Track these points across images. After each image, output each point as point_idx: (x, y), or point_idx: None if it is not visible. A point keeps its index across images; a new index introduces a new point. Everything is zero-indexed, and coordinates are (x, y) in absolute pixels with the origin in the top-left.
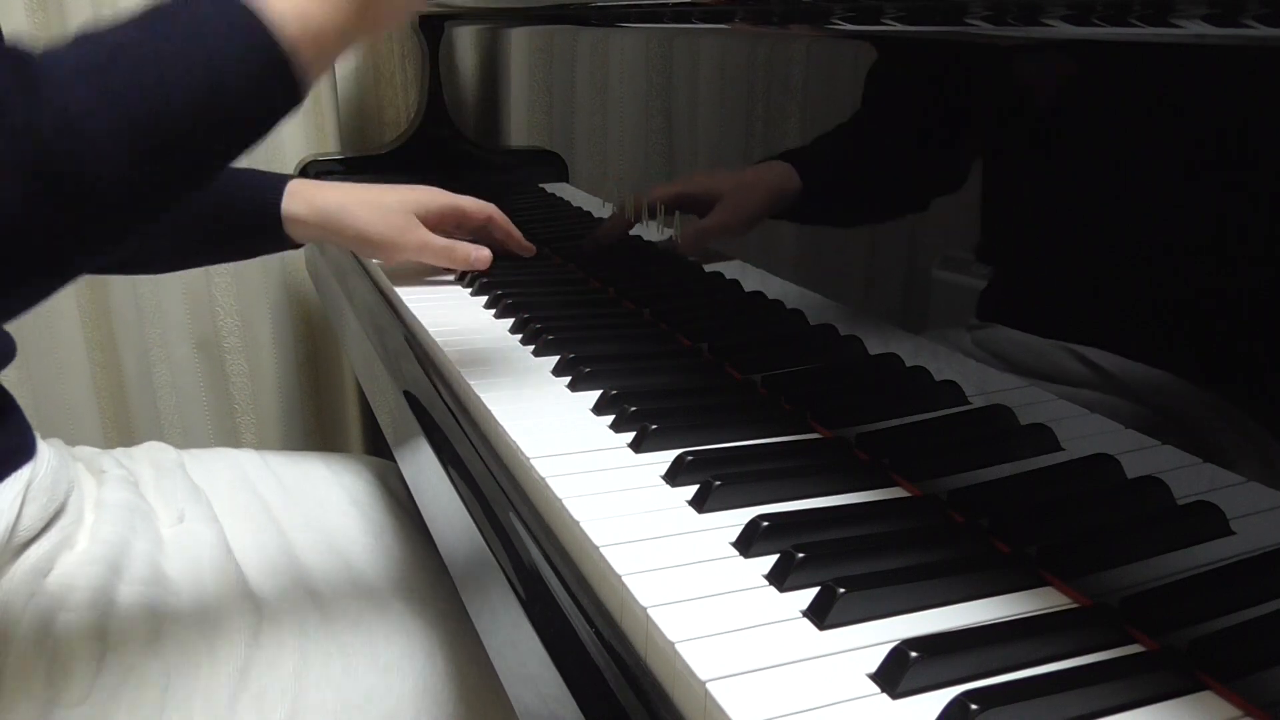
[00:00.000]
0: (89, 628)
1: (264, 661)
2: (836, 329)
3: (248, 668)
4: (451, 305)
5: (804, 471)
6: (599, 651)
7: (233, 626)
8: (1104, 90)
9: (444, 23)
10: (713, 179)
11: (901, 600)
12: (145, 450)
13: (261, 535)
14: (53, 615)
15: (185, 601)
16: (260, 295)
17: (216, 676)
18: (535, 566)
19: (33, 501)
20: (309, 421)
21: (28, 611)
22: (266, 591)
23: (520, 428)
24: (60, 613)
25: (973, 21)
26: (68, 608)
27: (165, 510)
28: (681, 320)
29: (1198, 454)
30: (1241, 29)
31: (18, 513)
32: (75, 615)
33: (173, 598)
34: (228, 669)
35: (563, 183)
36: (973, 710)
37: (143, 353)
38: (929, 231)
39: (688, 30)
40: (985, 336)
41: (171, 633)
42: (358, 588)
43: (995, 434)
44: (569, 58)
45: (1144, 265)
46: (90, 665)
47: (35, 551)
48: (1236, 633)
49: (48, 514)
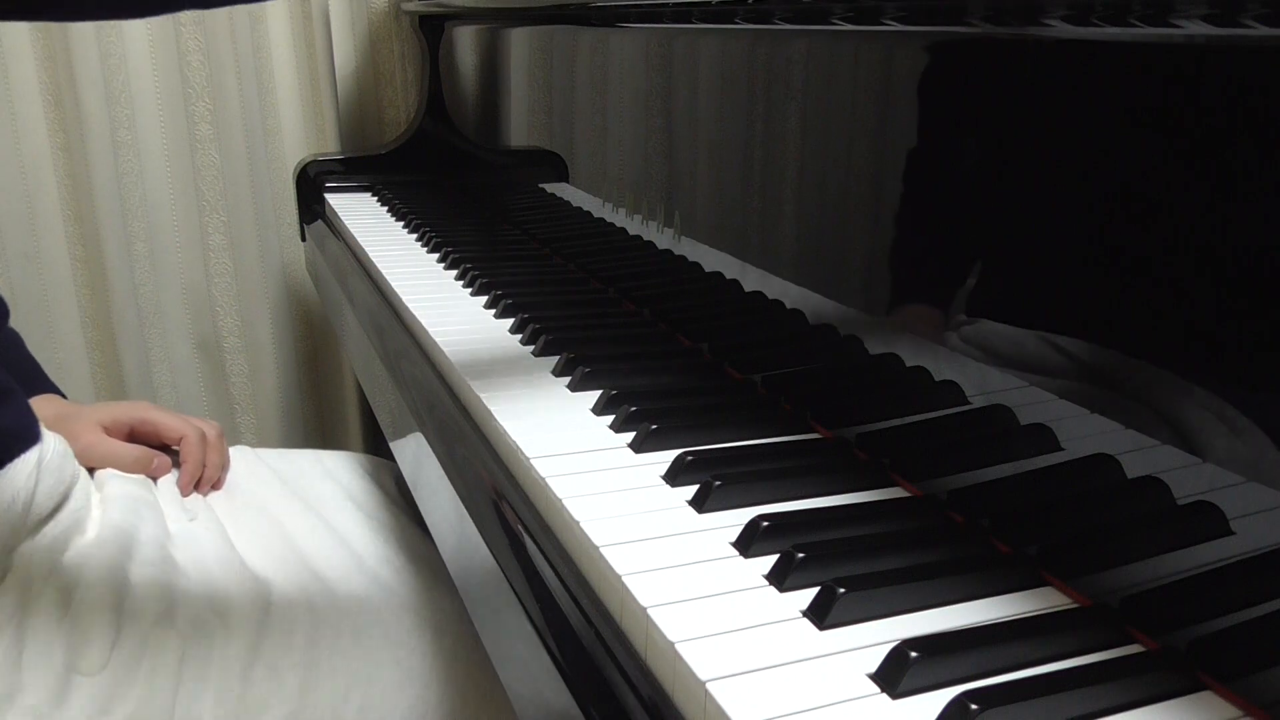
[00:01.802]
0: (105, 602)
1: (277, 631)
2: (836, 329)
3: (260, 639)
4: (452, 305)
5: (804, 471)
6: (599, 651)
7: (244, 602)
8: (1104, 90)
9: (444, 23)
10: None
11: (901, 600)
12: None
13: (263, 531)
14: (70, 590)
15: (195, 583)
16: (260, 295)
17: (230, 646)
18: (535, 566)
19: (44, 480)
20: (309, 421)
21: (48, 585)
22: (272, 574)
23: (520, 428)
24: (77, 589)
25: (972, 21)
26: (84, 584)
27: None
28: (681, 320)
29: (1198, 454)
30: (1241, 29)
31: (33, 489)
32: (92, 591)
33: (183, 579)
34: (241, 640)
35: (563, 183)
36: (973, 710)
37: (143, 353)
38: (929, 231)
39: (688, 30)
40: (985, 337)
41: (184, 607)
42: (363, 571)
43: (995, 434)
44: (569, 58)
45: (1144, 264)
46: (108, 636)
47: (51, 530)
48: (1236, 633)
49: (57, 494)
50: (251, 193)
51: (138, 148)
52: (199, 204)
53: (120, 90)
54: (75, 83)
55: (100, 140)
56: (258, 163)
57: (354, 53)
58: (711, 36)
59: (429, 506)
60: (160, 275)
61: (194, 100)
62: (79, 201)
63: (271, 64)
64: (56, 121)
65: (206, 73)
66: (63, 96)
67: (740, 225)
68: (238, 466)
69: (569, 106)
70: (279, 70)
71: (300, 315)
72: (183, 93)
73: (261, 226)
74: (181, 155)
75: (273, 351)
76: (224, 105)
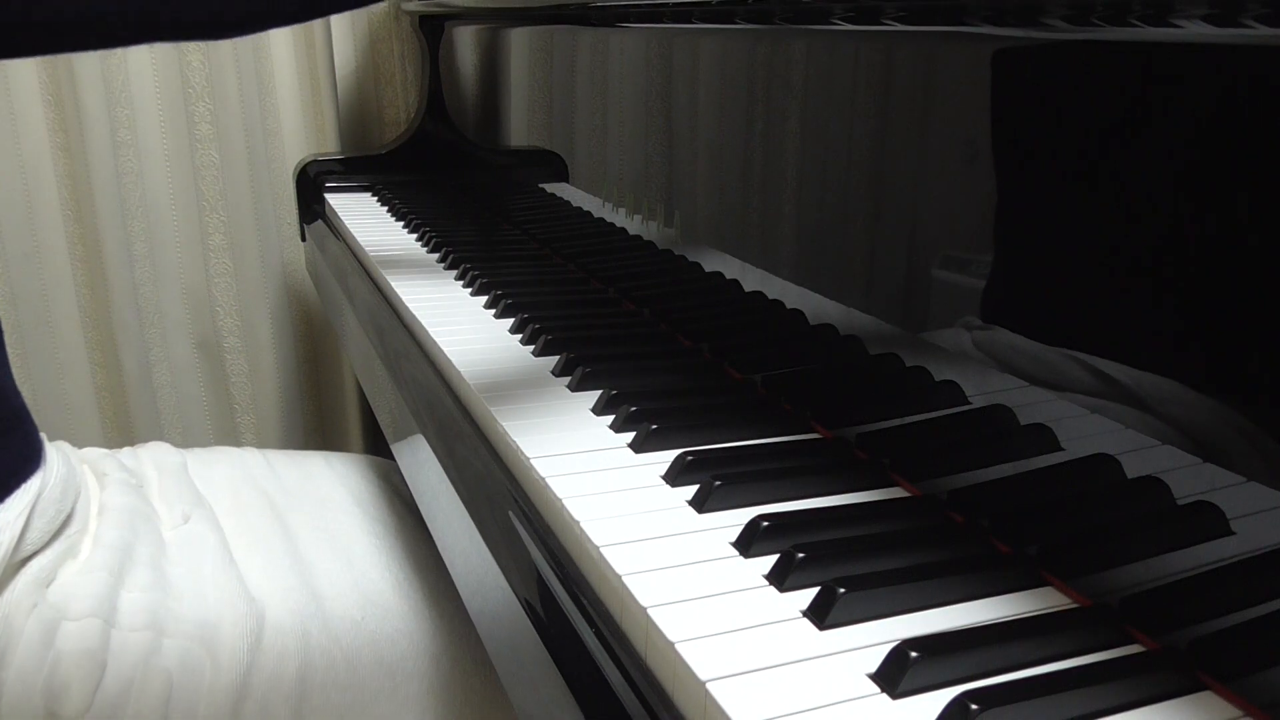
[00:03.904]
0: (90, 638)
1: (267, 668)
2: (836, 329)
3: (250, 674)
4: (452, 305)
5: (804, 471)
6: (599, 651)
7: (236, 632)
8: (1104, 91)
9: (444, 23)
10: None
11: (901, 600)
12: (149, 451)
13: (265, 535)
14: (55, 625)
15: (187, 608)
16: (260, 295)
17: (219, 683)
18: (535, 567)
19: (40, 515)
20: (309, 421)
21: (29, 623)
22: (268, 596)
23: (520, 428)
24: (62, 623)
25: (973, 21)
26: (70, 617)
27: (168, 513)
28: (681, 320)
29: (1198, 454)
30: (1241, 29)
31: (24, 526)
32: (77, 625)
33: (174, 603)
34: (230, 676)
35: (563, 183)
36: (973, 710)
37: (143, 353)
38: (929, 232)
39: (688, 30)
40: (985, 337)
41: (173, 641)
42: (360, 589)
43: (995, 434)
44: (569, 58)
45: (1143, 265)
46: (91, 677)
47: (39, 562)
48: (1236, 633)
49: (55, 526)
50: (251, 193)
51: (138, 148)
52: (199, 204)
53: (120, 90)
54: (75, 83)
55: (100, 140)
56: (258, 163)
57: (354, 53)
58: (711, 36)
59: (429, 507)
60: (160, 275)
61: (194, 100)
62: (79, 201)
63: (271, 64)
64: (56, 121)
65: (206, 73)
66: (63, 96)
67: (740, 225)
68: (244, 468)
69: (569, 106)
70: (279, 70)
71: (300, 315)
72: (183, 92)
73: (261, 226)
74: (181, 155)
75: (273, 352)
76: (224, 105)
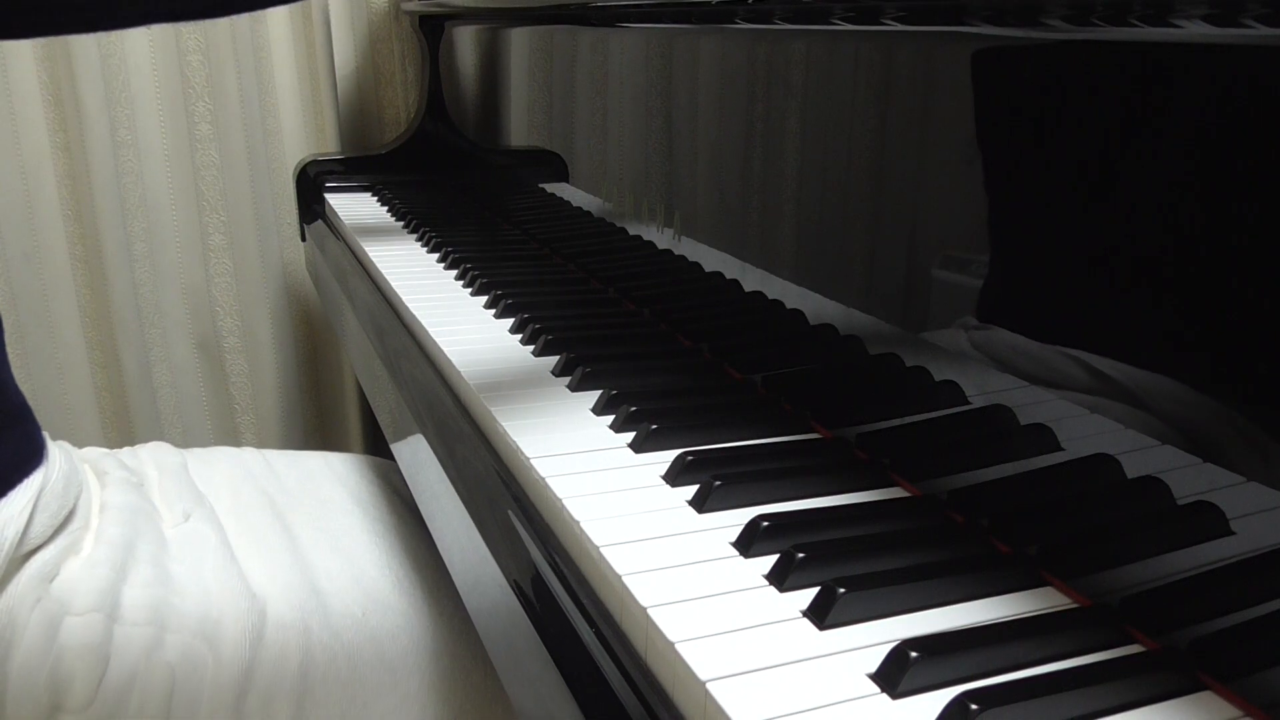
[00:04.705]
0: (93, 632)
1: (269, 663)
2: (836, 329)
3: (252, 669)
4: (452, 305)
5: (804, 471)
6: (599, 652)
7: (237, 628)
8: (1103, 91)
9: (444, 23)
10: None
11: (901, 600)
12: (149, 451)
13: (265, 533)
14: (58, 620)
15: (189, 603)
16: (260, 295)
17: (221, 677)
18: (535, 566)
19: (44, 510)
20: (309, 421)
21: (33, 617)
22: (270, 592)
23: (520, 428)
24: (66, 617)
25: (973, 21)
26: (73, 612)
27: (169, 511)
28: (681, 320)
29: (1198, 454)
30: (1241, 29)
31: (28, 520)
32: (80, 620)
33: (177, 599)
34: (232, 671)
35: (563, 183)
36: (973, 710)
37: (143, 353)
38: (929, 232)
39: (688, 30)
40: (984, 337)
41: (176, 636)
42: (361, 586)
43: (995, 434)
44: (569, 58)
45: (1143, 265)
46: (95, 671)
47: (42, 556)
48: (1236, 633)
49: (58, 520)
50: (251, 193)
51: (138, 147)
52: (199, 204)
53: (120, 90)
54: (75, 82)
55: (100, 140)
56: (258, 163)
57: (354, 53)
58: (711, 36)
59: (429, 507)
60: (160, 275)
61: (194, 100)
62: (79, 201)
63: (271, 64)
64: (56, 121)
65: (206, 73)
66: (63, 96)
67: (740, 225)
68: (244, 467)
69: (569, 106)
70: (279, 70)
71: (300, 315)
72: (183, 92)
73: (261, 226)
74: (181, 155)
75: (273, 351)
76: (224, 105)
